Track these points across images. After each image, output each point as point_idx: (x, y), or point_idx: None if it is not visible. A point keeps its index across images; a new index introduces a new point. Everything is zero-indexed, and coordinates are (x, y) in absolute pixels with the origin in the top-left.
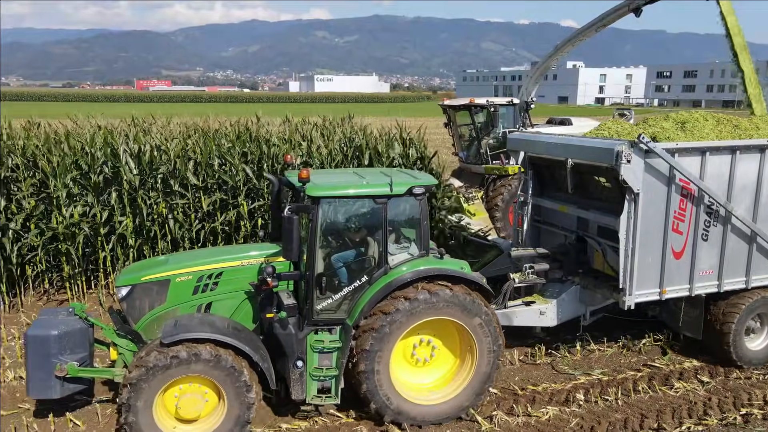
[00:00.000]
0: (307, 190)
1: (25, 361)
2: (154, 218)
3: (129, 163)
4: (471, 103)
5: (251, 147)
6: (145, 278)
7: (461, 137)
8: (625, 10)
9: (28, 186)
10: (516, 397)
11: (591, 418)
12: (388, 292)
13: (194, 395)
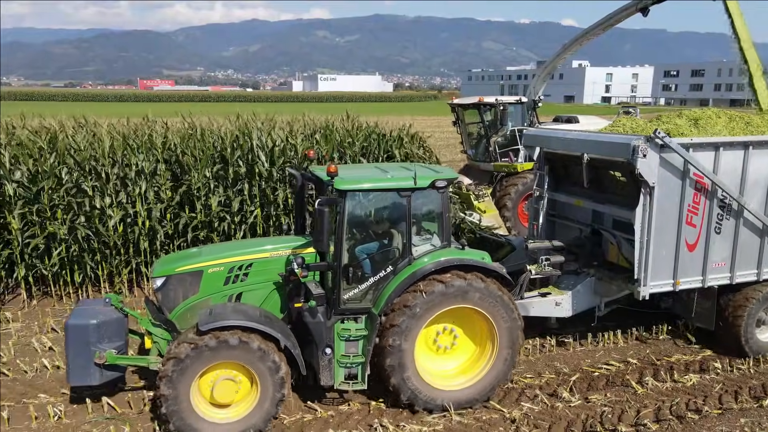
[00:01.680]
0: (335, 184)
1: (66, 349)
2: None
3: (261, 156)
4: (480, 101)
5: (369, 141)
6: (180, 269)
7: (470, 135)
8: (632, 9)
9: (165, 179)
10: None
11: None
12: (412, 281)
13: (229, 381)
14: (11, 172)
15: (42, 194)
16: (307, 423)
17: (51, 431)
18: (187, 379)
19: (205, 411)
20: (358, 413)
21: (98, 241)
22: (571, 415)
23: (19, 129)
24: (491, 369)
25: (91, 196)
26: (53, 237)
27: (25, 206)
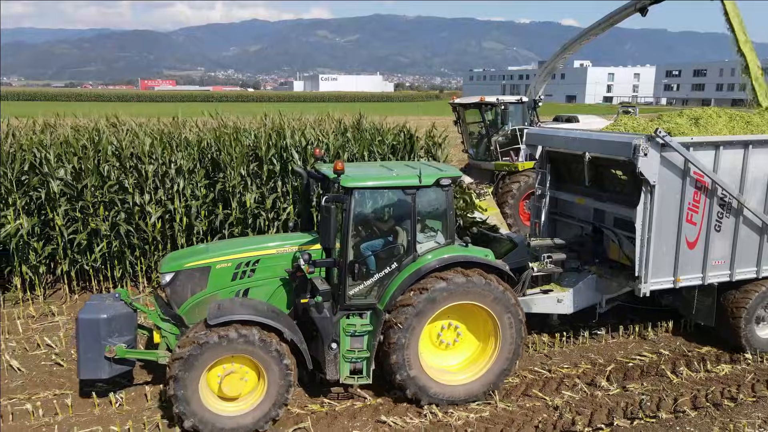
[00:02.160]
0: (342, 181)
1: (77, 343)
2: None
3: (294, 155)
4: (481, 101)
5: (398, 140)
6: (188, 265)
7: (471, 135)
8: (631, 9)
9: (201, 177)
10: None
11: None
12: (416, 278)
13: (236, 374)
14: (56, 170)
15: (85, 191)
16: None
17: (114, 417)
18: (196, 372)
19: (213, 404)
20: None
21: (138, 237)
22: (611, 403)
23: (60, 127)
24: (494, 364)
25: (131, 193)
26: (95, 233)
27: (69, 203)
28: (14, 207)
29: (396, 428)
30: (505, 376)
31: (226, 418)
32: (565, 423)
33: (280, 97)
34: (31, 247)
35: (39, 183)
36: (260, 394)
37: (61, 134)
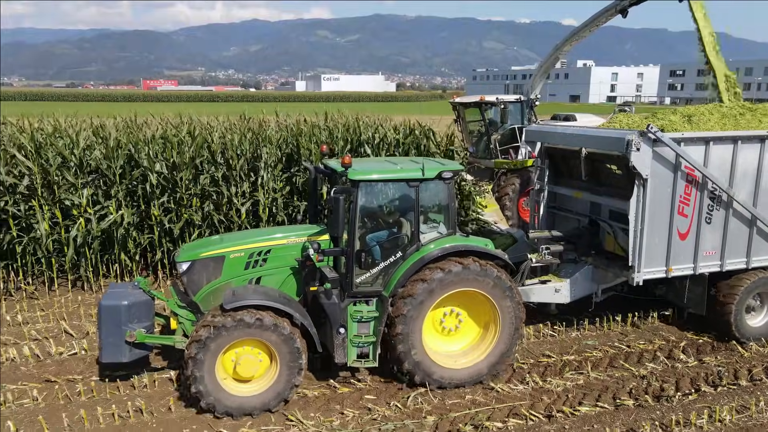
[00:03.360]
0: (349, 174)
1: (99, 328)
2: None
3: (368, 150)
4: (481, 100)
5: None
6: (204, 255)
7: (470, 133)
8: (613, 11)
9: (279, 170)
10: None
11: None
12: (420, 266)
13: (250, 357)
14: (154, 164)
15: (180, 184)
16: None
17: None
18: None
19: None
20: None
21: (226, 228)
22: (692, 373)
23: (155, 124)
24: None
25: (221, 186)
26: (189, 223)
27: (165, 195)
28: (116, 198)
29: (503, 394)
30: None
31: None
32: (655, 389)
33: (285, 96)
34: (131, 236)
35: (140, 176)
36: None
37: (156, 130)
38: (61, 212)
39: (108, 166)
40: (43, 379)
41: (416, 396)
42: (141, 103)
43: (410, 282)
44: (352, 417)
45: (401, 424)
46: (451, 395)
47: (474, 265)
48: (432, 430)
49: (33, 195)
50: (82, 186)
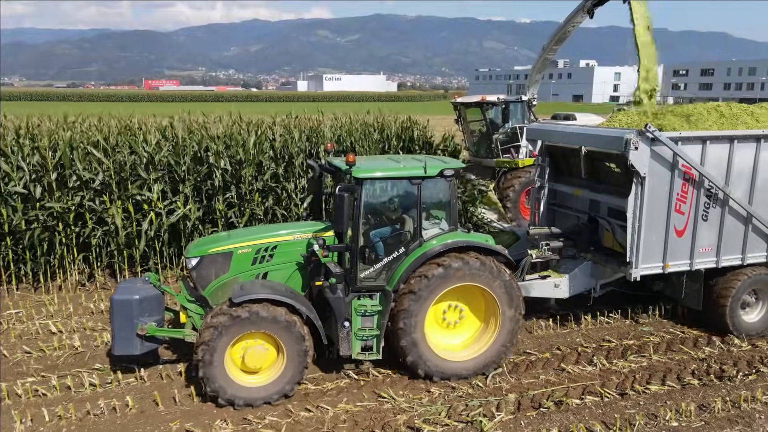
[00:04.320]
0: (353, 172)
1: (111, 322)
2: None
3: (416, 147)
4: (483, 100)
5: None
6: (212, 250)
7: (472, 132)
8: (581, 12)
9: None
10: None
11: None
12: (422, 262)
13: (257, 349)
14: (219, 160)
15: (244, 180)
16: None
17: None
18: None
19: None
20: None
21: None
22: (747, 356)
23: (223, 123)
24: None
25: (282, 182)
26: (252, 217)
27: (229, 191)
28: (183, 194)
29: (574, 374)
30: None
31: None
32: (715, 371)
33: (289, 96)
34: (197, 230)
35: (207, 172)
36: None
37: (223, 128)
38: (132, 207)
39: (176, 162)
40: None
41: (494, 376)
42: (146, 104)
43: (412, 277)
44: (438, 394)
45: (485, 401)
46: (527, 375)
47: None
48: (515, 405)
49: (105, 190)
50: (153, 182)
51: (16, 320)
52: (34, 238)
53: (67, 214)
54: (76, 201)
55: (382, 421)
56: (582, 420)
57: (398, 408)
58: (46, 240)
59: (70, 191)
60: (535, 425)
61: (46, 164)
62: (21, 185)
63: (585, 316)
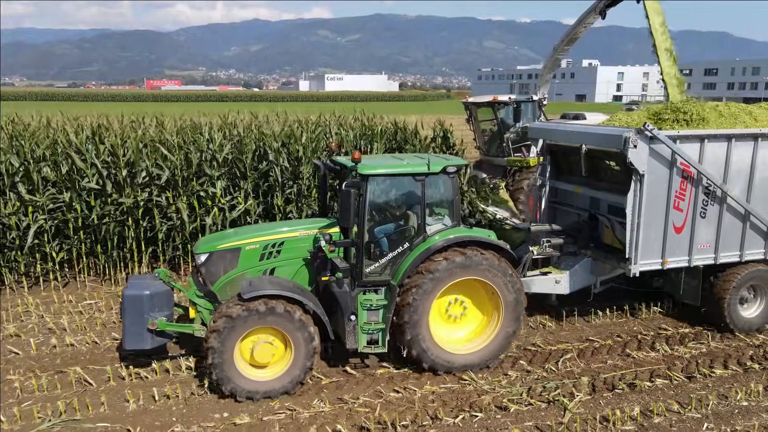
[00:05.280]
0: (359, 169)
1: (122, 317)
2: None
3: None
4: (494, 100)
5: None
6: (221, 247)
7: (483, 132)
8: (593, 12)
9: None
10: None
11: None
12: (426, 256)
13: (266, 344)
14: (278, 158)
15: (302, 176)
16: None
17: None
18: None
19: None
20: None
21: None
22: None
23: (279, 121)
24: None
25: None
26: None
27: (287, 187)
28: (244, 190)
29: (639, 359)
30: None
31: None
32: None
33: (293, 96)
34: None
35: (266, 169)
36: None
37: (279, 126)
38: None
39: (239, 159)
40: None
41: (564, 360)
42: (152, 103)
43: (417, 272)
44: (515, 377)
45: (561, 383)
46: (594, 360)
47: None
48: (589, 386)
49: (168, 186)
50: (216, 178)
51: (96, 310)
52: (109, 232)
53: (136, 209)
54: (143, 196)
55: (468, 401)
56: (656, 400)
57: (481, 389)
58: (116, 234)
59: (138, 187)
60: (613, 405)
61: (118, 161)
62: (94, 181)
63: (639, 306)
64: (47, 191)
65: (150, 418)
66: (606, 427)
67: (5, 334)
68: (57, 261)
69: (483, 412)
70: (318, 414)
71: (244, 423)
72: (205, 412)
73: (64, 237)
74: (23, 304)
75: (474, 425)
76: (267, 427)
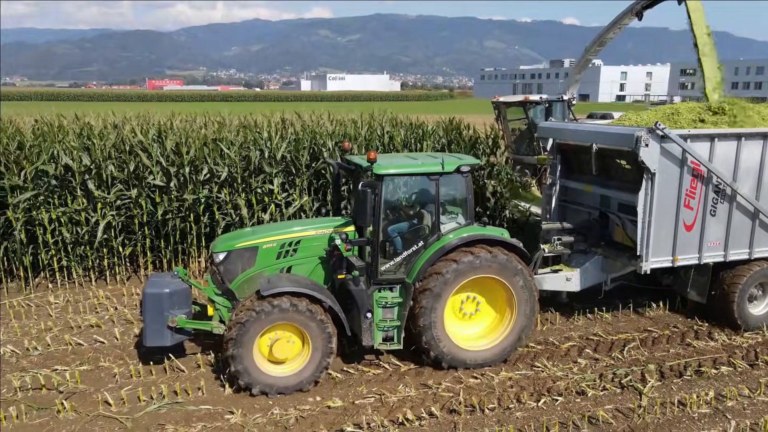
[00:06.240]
0: (374, 169)
1: (143, 314)
2: None
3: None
4: (526, 99)
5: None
6: (239, 245)
7: (512, 131)
8: (630, 14)
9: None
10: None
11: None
12: (440, 255)
13: (284, 340)
14: (332, 156)
15: None
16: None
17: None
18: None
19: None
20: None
21: None
22: None
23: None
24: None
25: None
26: None
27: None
28: (300, 187)
29: (699, 348)
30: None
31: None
32: None
33: (296, 96)
34: None
35: (321, 167)
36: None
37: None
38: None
39: (295, 157)
40: None
41: (629, 349)
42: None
43: (431, 271)
44: (585, 365)
45: (630, 370)
46: (656, 349)
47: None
48: (658, 373)
49: (225, 183)
50: (274, 175)
51: None
52: (175, 227)
53: (197, 205)
54: (204, 193)
55: (545, 387)
56: (725, 385)
57: (554, 376)
58: (179, 229)
59: (199, 184)
60: (685, 390)
61: (182, 159)
62: (159, 179)
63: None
64: (115, 188)
65: (248, 402)
66: (683, 410)
67: (86, 324)
68: (123, 255)
69: (563, 396)
70: (405, 398)
71: (337, 406)
72: (299, 396)
73: (128, 232)
74: (94, 297)
75: (557, 408)
76: (359, 409)
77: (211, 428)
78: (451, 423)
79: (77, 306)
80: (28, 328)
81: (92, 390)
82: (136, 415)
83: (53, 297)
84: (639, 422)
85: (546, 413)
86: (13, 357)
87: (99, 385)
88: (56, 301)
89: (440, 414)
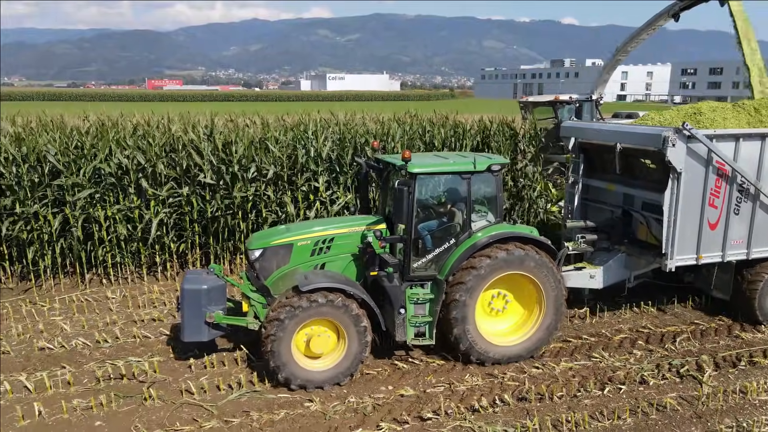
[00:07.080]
0: (409, 168)
1: (181, 310)
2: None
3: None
4: (556, 99)
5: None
6: (274, 243)
7: (540, 131)
8: (666, 15)
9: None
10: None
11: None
12: (471, 252)
13: (321, 335)
14: (374, 155)
15: None
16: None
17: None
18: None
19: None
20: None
21: None
22: None
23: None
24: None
25: None
26: None
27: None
28: (343, 185)
29: (748, 339)
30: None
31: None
32: None
33: (298, 96)
34: None
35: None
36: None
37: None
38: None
39: (340, 155)
40: None
41: (680, 341)
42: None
43: (463, 268)
44: (641, 355)
45: (684, 360)
46: (705, 341)
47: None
48: (712, 364)
49: (271, 181)
50: (320, 174)
51: None
52: (227, 224)
53: (246, 203)
54: (251, 191)
55: (605, 376)
56: None
57: (612, 366)
58: (228, 226)
59: (248, 182)
60: (742, 379)
61: (231, 158)
62: (209, 177)
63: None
64: (167, 186)
65: (322, 391)
66: (744, 397)
67: (148, 318)
68: (174, 252)
69: (625, 385)
70: (474, 387)
71: (410, 395)
72: (373, 384)
73: (179, 229)
74: (149, 292)
75: (622, 396)
76: (431, 397)
77: (294, 415)
78: (524, 410)
79: (135, 300)
80: (94, 321)
81: (171, 379)
82: (219, 403)
83: (110, 292)
84: (704, 409)
85: (613, 401)
86: (86, 349)
87: (176, 375)
88: (113, 296)
89: (512, 401)
